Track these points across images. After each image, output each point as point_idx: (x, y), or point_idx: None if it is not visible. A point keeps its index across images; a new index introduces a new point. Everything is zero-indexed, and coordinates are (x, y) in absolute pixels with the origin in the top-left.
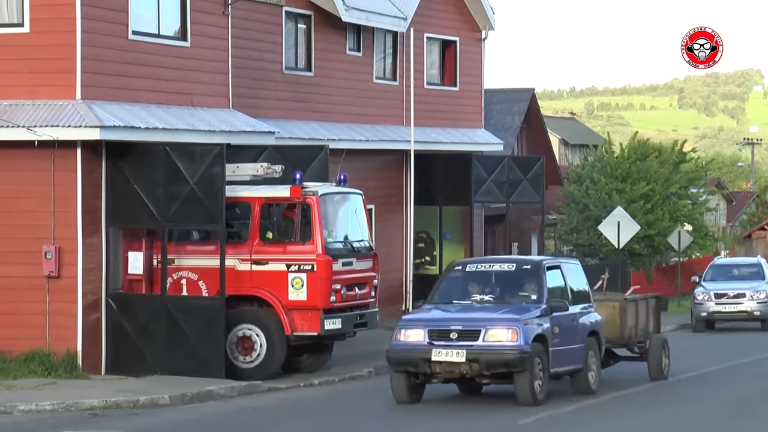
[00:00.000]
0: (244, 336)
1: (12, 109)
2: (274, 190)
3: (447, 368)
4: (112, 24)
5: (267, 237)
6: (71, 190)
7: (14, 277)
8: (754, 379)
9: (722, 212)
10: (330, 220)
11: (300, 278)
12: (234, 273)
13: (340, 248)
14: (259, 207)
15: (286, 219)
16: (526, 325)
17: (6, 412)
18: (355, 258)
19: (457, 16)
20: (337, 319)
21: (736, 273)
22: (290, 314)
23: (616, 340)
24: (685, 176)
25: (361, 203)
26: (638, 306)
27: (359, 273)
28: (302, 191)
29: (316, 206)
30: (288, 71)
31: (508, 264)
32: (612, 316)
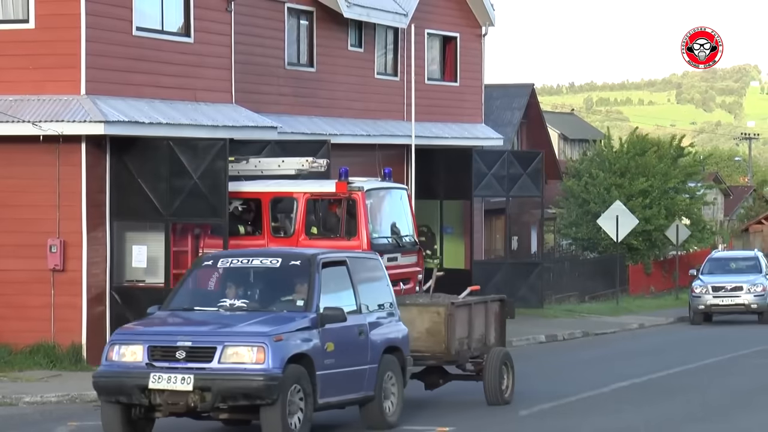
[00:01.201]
0: None
1: (17, 105)
2: (320, 185)
3: (170, 399)
4: (116, 20)
5: (312, 232)
6: (76, 185)
7: (19, 271)
8: (757, 369)
9: (720, 206)
10: (375, 215)
11: None
12: None
13: (386, 244)
14: (305, 202)
15: (331, 214)
16: (278, 341)
17: (12, 403)
18: (400, 253)
19: (457, 12)
20: None
21: (733, 266)
22: None
23: (442, 356)
24: (683, 170)
25: (405, 198)
26: (473, 312)
27: (404, 268)
28: (348, 186)
29: (362, 202)
30: (290, 67)
31: (273, 259)
32: (436, 324)
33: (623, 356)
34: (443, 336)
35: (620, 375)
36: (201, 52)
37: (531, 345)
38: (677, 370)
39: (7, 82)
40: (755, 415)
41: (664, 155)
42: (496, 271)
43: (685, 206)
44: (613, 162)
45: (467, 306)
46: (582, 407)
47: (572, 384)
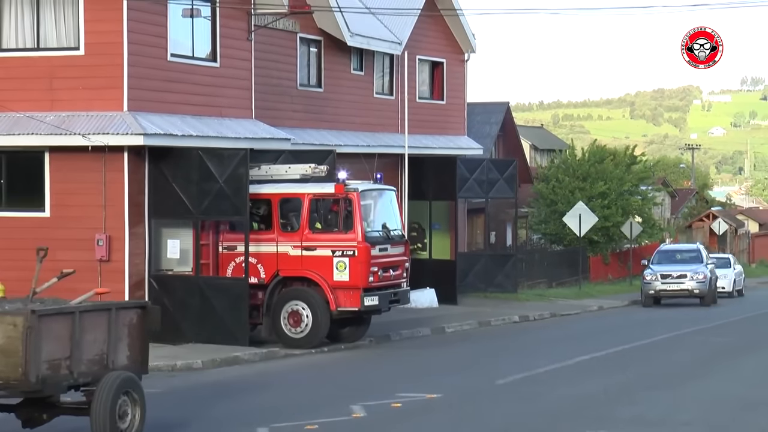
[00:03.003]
0: (294, 311)
1: (70, 120)
2: (321, 187)
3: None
4: (154, 48)
5: (315, 227)
6: (119, 188)
7: (72, 261)
8: (699, 345)
9: (667, 206)
10: (368, 212)
11: (343, 262)
12: (287, 257)
13: (377, 236)
14: (309, 202)
15: (331, 212)
16: None
17: None
18: (390, 244)
19: (443, 41)
20: (375, 296)
21: (678, 257)
22: (335, 292)
23: (18, 383)
24: (636, 176)
25: (394, 198)
26: (81, 324)
27: (393, 257)
28: (345, 188)
29: (357, 201)
30: (302, 87)
31: None
32: (11, 341)
33: (585, 334)
34: (20, 356)
35: (582, 350)
36: (226, 75)
37: (506, 324)
38: (631, 345)
39: (62, 101)
40: (698, 382)
41: (619, 163)
42: (477, 261)
43: (638, 206)
44: (576, 168)
45: (67, 315)
46: (550, 377)
47: (541, 357)
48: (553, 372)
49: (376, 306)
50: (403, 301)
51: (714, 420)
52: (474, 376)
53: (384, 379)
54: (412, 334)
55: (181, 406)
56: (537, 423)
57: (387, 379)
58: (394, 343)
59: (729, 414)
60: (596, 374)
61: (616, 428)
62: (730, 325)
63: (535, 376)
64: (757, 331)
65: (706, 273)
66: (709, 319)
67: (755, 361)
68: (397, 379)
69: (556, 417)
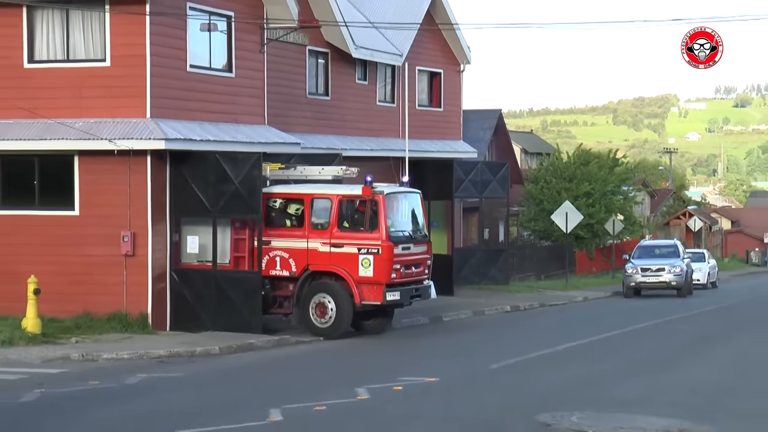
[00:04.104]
0: (320, 302)
1: (97, 126)
2: (350, 189)
3: None
4: (174, 59)
5: (344, 226)
6: (143, 189)
7: (100, 255)
8: (676, 332)
9: (647, 205)
10: (393, 213)
11: (368, 259)
12: (317, 253)
13: (401, 236)
14: (338, 202)
15: (358, 212)
16: None
17: (93, 359)
18: (413, 243)
19: (441, 53)
20: (397, 291)
21: (657, 252)
22: (360, 287)
23: None
24: (618, 177)
25: (418, 200)
26: None
27: (415, 256)
28: (372, 190)
29: (383, 203)
30: (310, 96)
31: None
32: None
33: (571, 323)
34: None
35: (569, 337)
36: (240, 84)
37: (499, 314)
38: (614, 333)
39: (90, 108)
40: (677, 367)
41: (603, 165)
42: (472, 255)
43: (620, 205)
44: (563, 170)
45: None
46: (540, 362)
47: (532, 344)
48: (543, 357)
49: (397, 301)
50: (424, 296)
51: (692, 403)
52: (469, 362)
53: (386, 364)
54: (411, 322)
55: (200, 388)
56: (528, 404)
57: (389, 364)
58: (395, 331)
59: (707, 397)
60: (582, 360)
61: (601, 409)
62: (706, 315)
63: (526, 361)
64: (731, 320)
65: (683, 266)
66: (686, 309)
67: (730, 348)
68: (399, 364)
69: (545, 399)
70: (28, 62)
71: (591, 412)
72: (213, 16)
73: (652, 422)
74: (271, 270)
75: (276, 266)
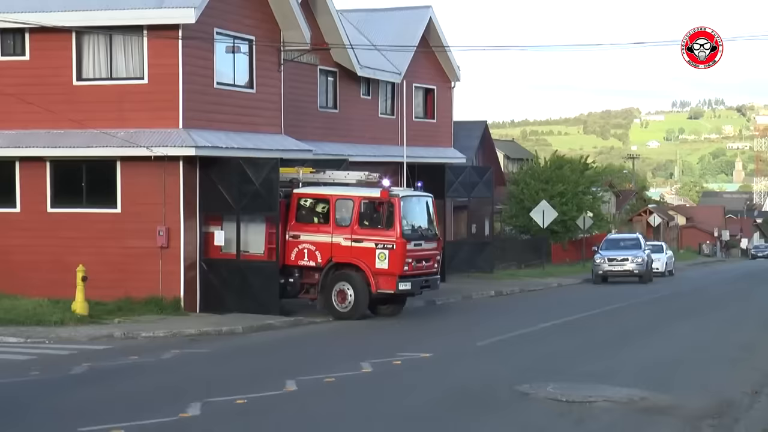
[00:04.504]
0: (341, 290)
1: (137, 135)
2: (370, 191)
3: None
4: (203, 77)
5: (363, 223)
6: (176, 190)
7: (139, 247)
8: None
9: (612, 204)
10: (407, 214)
11: (384, 253)
12: (340, 247)
13: (413, 234)
14: (359, 203)
15: (376, 212)
16: None
17: (133, 337)
18: (424, 241)
19: (434, 72)
20: (408, 282)
21: (622, 244)
22: (376, 277)
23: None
24: (588, 179)
25: (430, 202)
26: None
27: (426, 251)
28: (389, 193)
29: (398, 204)
30: (321, 109)
31: None
32: None
33: (547, 305)
34: None
35: (545, 318)
36: (260, 99)
37: (484, 298)
38: (585, 314)
39: (130, 119)
40: (639, 344)
41: (575, 169)
42: (461, 248)
43: (589, 203)
44: (540, 174)
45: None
46: (520, 340)
47: (513, 324)
48: (523, 335)
49: (409, 290)
50: (433, 287)
51: (652, 374)
52: (459, 340)
53: (387, 342)
54: (409, 305)
55: (225, 362)
56: (509, 376)
57: (389, 342)
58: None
59: (664, 369)
60: (556, 337)
61: (573, 380)
62: (664, 299)
63: (507, 339)
64: (685, 303)
65: (644, 257)
66: (647, 294)
67: (684, 327)
68: (397, 342)
69: (524, 371)
70: (76, 80)
71: (564, 383)
72: (237, 39)
73: (616, 391)
74: (299, 260)
75: (304, 257)
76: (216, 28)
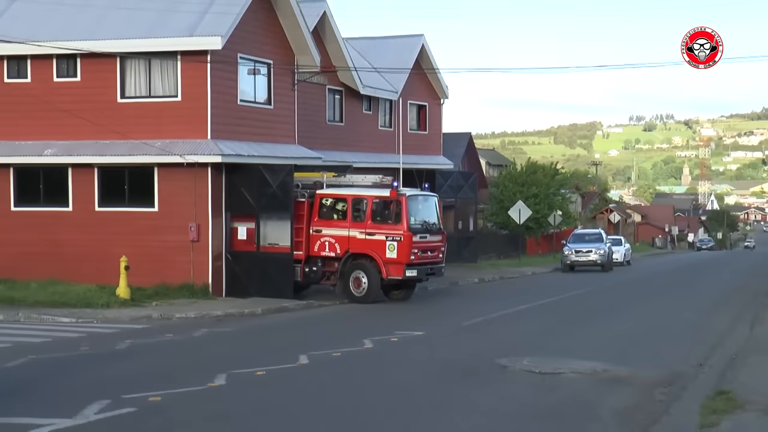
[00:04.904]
0: (356, 277)
1: (172, 145)
2: (381, 191)
3: None
4: (228, 95)
5: (376, 219)
6: (204, 192)
7: (174, 241)
8: (603, 297)
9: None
10: (413, 211)
11: (393, 244)
12: (356, 240)
13: (418, 227)
14: (372, 201)
15: (387, 209)
16: None
17: (168, 318)
18: (429, 234)
19: (426, 90)
20: (414, 269)
21: (587, 238)
22: (386, 265)
23: None
24: (558, 183)
25: (435, 201)
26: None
27: (431, 243)
28: (397, 193)
29: (405, 202)
30: (329, 122)
31: None
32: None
33: (523, 290)
34: None
35: (521, 301)
36: (277, 114)
37: (469, 284)
38: (555, 298)
39: (166, 131)
40: (601, 323)
41: (546, 174)
42: (449, 241)
43: (559, 203)
44: (517, 178)
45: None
46: (500, 320)
47: (494, 307)
48: (503, 316)
49: (415, 276)
50: (438, 274)
51: (613, 349)
52: (447, 320)
53: (385, 322)
54: None
55: (246, 340)
56: (490, 351)
57: (387, 322)
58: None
59: (623, 345)
60: (531, 318)
61: (545, 355)
62: (623, 285)
63: (489, 319)
64: (641, 289)
65: (606, 249)
66: (608, 281)
67: (639, 309)
68: (394, 322)
69: (503, 347)
70: (120, 98)
71: (537, 357)
72: (257, 63)
73: (582, 364)
74: (321, 251)
75: (326, 249)
76: (239, 53)
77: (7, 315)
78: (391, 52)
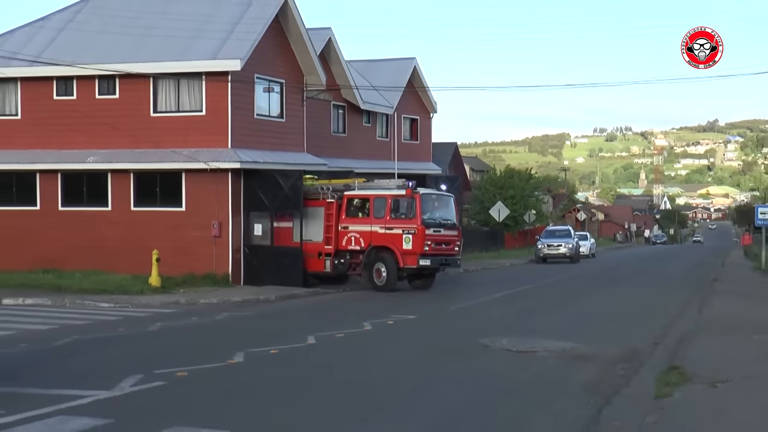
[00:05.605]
0: (377, 269)
1: (198, 153)
2: (399, 191)
3: None
4: (246, 110)
5: (394, 215)
6: (225, 194)
7: (199, 236)
8: (572, 285)
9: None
10: (428, 207)
11: (408, 237)
12: (377, 234)
13: (432, 222)
14: (390, 199)
15: (404, 206)
16: None
17: (194, 303)
18: (443, 228)
19: (418, 105)
20: (428, 259)
21: (557, 234)
22: (403, 256)
23: None
24: (532, 186)
25: (452, 200)
26: None
27: (444, 236)
28: (412, 192)
29: (419, 200)
30: (334, 133)
31: None
32: None
33: (502, 279)
34: None
35: (502, 289)
36: (289, 126)
37: (455, 274)
38: (530, 286)
39: (192, 142)
40: (571, 308)
41: (522, 178)
42: None
43: (533, 204)
44: (497, 181)
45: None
46: (483, 305)
47: (477, 294)
48: (485, 302)
49: (428, 266)
50: (453, 265)
51: (580, 330)
52: (436, 305)
53: (382, 308)
54: None
55: (262, 323)
56: (474, 332)
57: (384, 308)
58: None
59: (589, 327)
60: (510, 303)
61: (521, 335)
62: (588, 275)
63: (473, 304)
64: (604, 278)
65: (573, 243)
66: (576, 271)
67: (604, 294)
68: (390, 308)
69: (485, 329)
70: (152, 112)
71: (515, 337)
72: (271, 82)
73: (554, 344)
74: (348, 245)
75: (352, 243)
76: (256, 73)
77: (55, 301)
78: (387, 73)
